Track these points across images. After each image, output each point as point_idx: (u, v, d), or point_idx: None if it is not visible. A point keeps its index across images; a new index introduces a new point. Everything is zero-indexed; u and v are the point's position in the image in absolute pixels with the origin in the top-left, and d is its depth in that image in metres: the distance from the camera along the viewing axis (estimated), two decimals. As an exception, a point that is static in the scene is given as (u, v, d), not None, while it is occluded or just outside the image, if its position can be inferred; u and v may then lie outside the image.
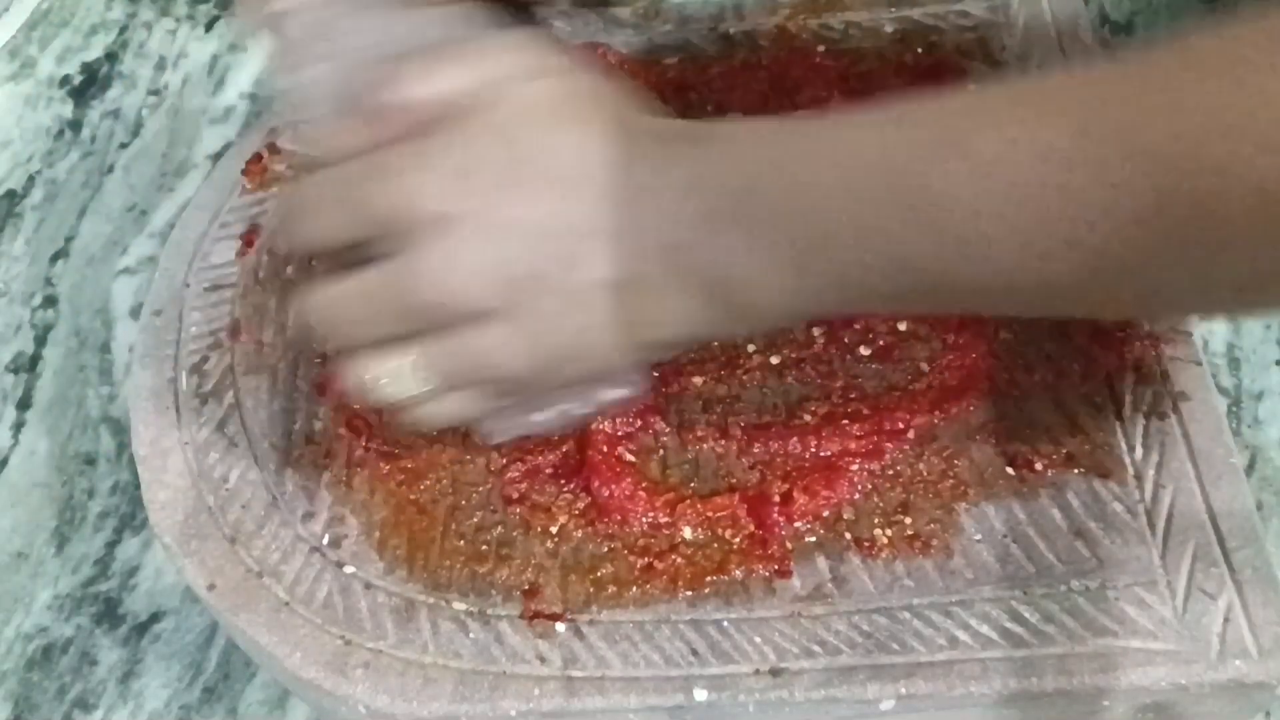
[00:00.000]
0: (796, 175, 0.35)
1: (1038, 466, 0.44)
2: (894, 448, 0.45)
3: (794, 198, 0.35)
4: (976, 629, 0.41)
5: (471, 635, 0.43)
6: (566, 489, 0.45)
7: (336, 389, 0.48)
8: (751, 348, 0.48)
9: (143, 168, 0.64)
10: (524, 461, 0.46)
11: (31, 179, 0.65)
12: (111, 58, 0.69)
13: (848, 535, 0.43)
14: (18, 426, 0.57)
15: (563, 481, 0.45)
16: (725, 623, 0.42)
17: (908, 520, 0.43)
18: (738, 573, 0.43)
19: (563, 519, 0.45)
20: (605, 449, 0.45)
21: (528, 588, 0.43)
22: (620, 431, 0.46)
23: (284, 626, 0.43)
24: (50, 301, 0.60)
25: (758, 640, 0.42)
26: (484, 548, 0.44)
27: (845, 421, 0.45)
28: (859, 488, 0.44)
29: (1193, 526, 0.42)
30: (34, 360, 0.59)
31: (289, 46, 0.39)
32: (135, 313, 0.58)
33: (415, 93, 0.36)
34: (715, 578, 0.43)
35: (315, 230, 0.37)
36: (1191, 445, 0.44)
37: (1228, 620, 0.40)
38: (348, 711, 0.43)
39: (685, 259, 0.35)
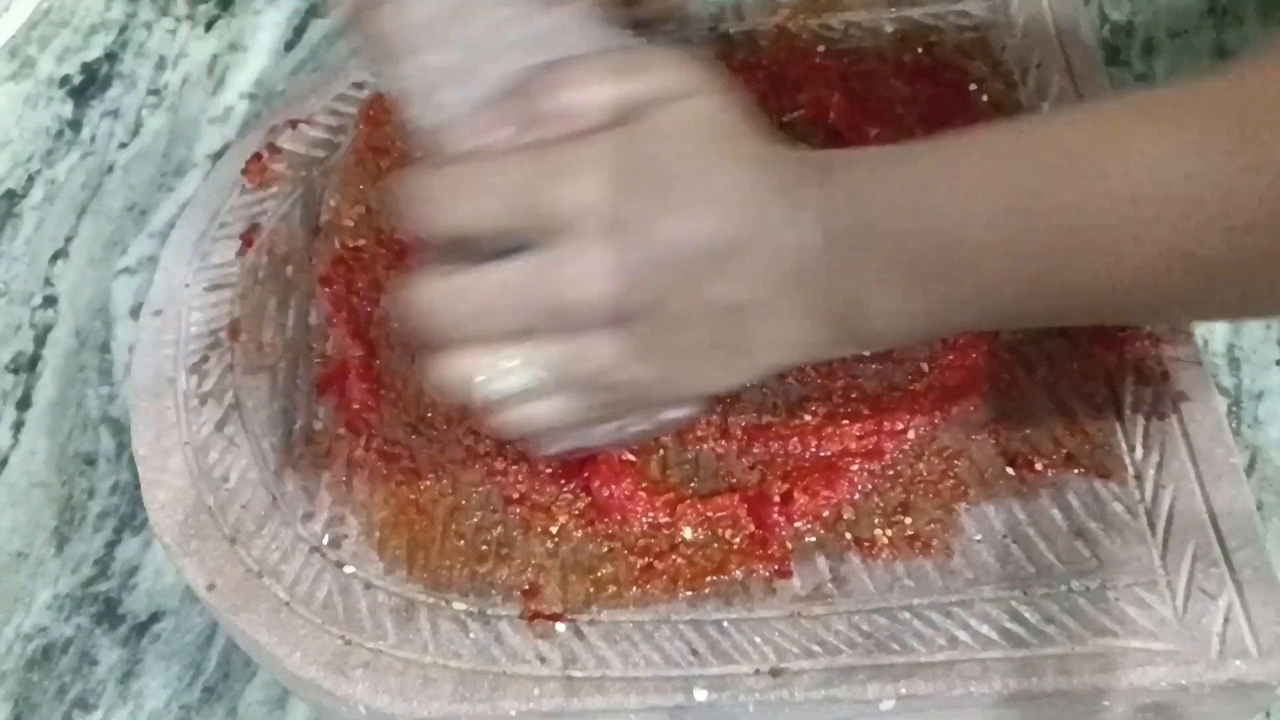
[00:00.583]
0: (920, 203, 0.36)
1: (1038, 466, 0.44)
2: (894, 448, 0.45)
3: (919, 225, 0.36)
4: (976, 629, 0.41)
5: (471, 635, 0.43)
6: (566, 489, 0.45)
7: (349, 387, 0.48)
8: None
9: (142, 167, 0.64)
10: (524, 462, 0.46)
11: (31, 179, 0.65)
12: (111, 57, 0.69)
13: (848, 535, 0.43)
14: (17, 426, 0.57)
15: (563, 481, 0.45)
16: (725, 623, 0.42)
17: (908, 520, 0.43)
18: (738, 573, 0.43)
19: (563, 519, 0.45)
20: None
21: (528, 588, 0.43)
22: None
23: (284, 626, 0.43)
24: (50, 301, 0.60)
25: (758, 640, 0.42)
26: (484, 548, 0.44)
27: (845, 421, 0.45)
28: (859, 488, 0.44)
29: (1193, 526, 0.42)
30: (34, 360, 0.59)
31: (403, 33, 0.38)
32: (135, 312, 0.58)
33: (579, 98, 0.36)
34: (715, 578, 0.43)
35: (467, 215, 0.36)
36: (1192, 445, 0.44)
37: (1228, 620, 0.40)
38: (348, 711, 0.43)
39: (812, 284, 0.36)
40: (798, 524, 0.44)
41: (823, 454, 0.45)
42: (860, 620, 0.42)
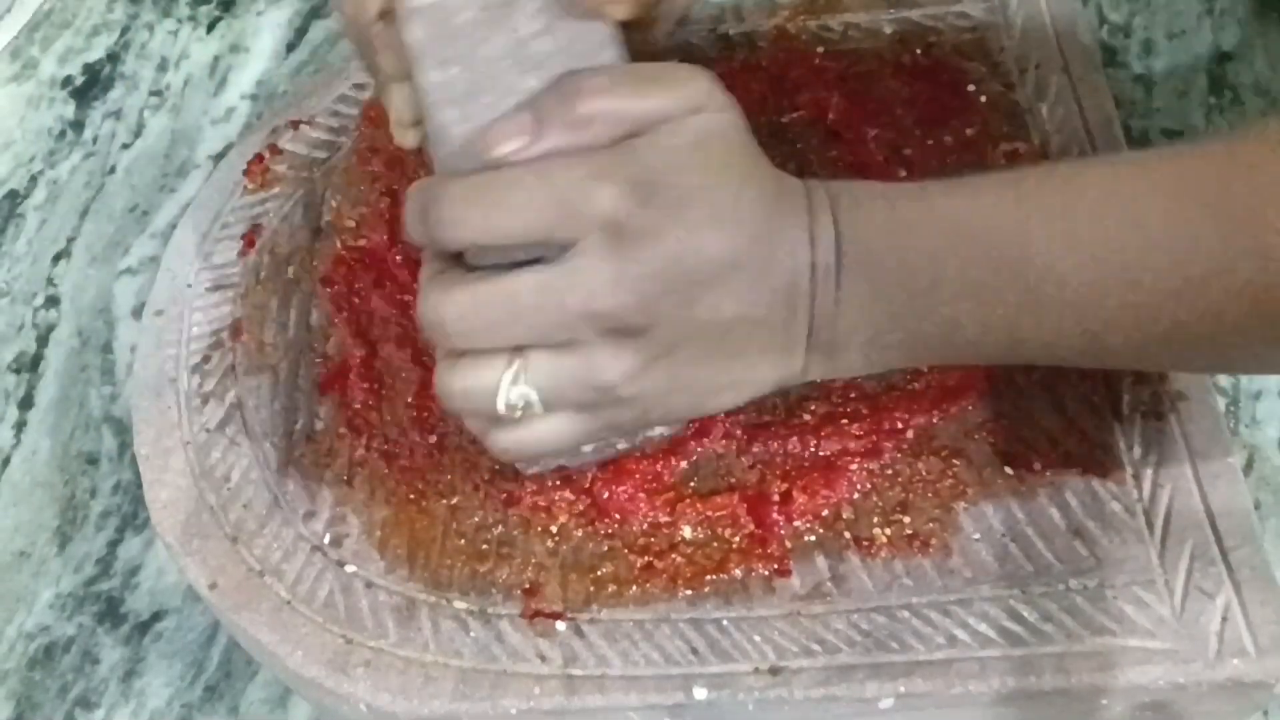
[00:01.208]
0: (903, 243, 0.37)
1: (1036, 466, 0.44)
2: (893, 447, 0.45)
3: (899, 261, 0.37)
4: (975, 628, 0.41)
5: (472, 634, 0.43)
6: (566, 489, 0.45)
7: (351, 387, 0.48)
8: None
9: (144, 168, 0.64)
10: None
11: (33, 179, 0.65)
12: (113, 59, 0.69)
13: (847, 534, 0.44)
14: (20, 426, 0.57)
15: (561, 482, 0.45)
16: (725, 621, 0.42)
17: (907, 519, 0.44)
18: (737, 572, 0.43)
19: (563, 518, 0.45)
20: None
21: (528, 586, 0.43)
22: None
23: (285, 625, 0.44)
24: (52, 301, 0.60)
25: (757, 639, 0.42)
26: (485, 547, 0.45)
27: (845, 421, 0.45)
28: (858, 487, 0.44)
29: (1191, 526, 0.43)
30: (36, 360, 0.59)
31: (420, 44, 0.39)
32: (137, 313, 0.59)
33: (593, 110, 0.36)
34: (715, 577, 0.43)
35: (504, 223, 0.36)
36: (1189, 445, 0.44)
37: (1225, 619, 0.41)
38: (349, 710, 0.43)
39: (798, 305, 0.37)
40: (797, 523, 0.44)
41: (822, 453, 0.45)
42: (859, 619, 0.42)
